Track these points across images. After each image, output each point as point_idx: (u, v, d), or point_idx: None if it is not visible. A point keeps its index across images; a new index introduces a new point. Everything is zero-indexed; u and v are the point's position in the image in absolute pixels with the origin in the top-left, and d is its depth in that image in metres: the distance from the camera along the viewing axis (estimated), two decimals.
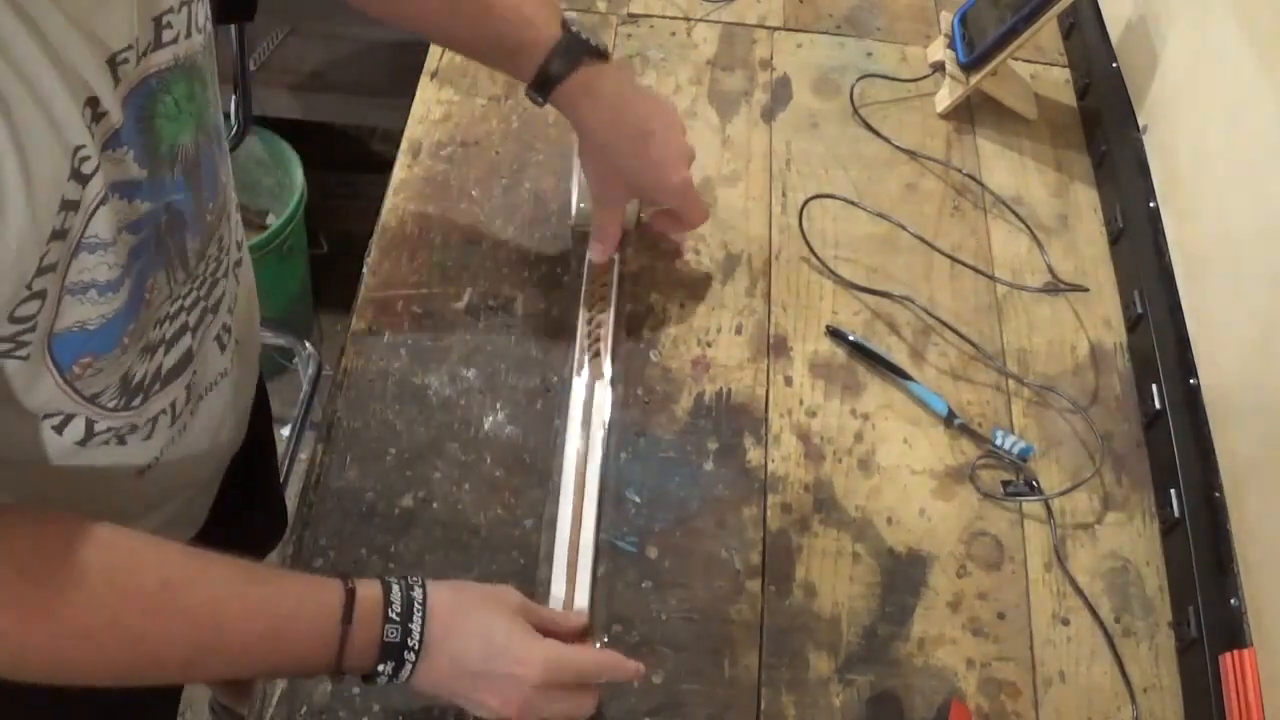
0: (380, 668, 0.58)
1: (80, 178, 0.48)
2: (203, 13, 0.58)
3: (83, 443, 0.60)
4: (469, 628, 0.61)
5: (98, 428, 0.60)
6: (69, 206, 0.48)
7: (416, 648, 0.58)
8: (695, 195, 0.82)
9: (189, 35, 0.56)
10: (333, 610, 0.57)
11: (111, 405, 0.60)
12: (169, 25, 0.54)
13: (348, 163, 1.88)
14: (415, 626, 0.58)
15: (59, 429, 0.58)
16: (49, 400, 0.56)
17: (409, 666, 0.58)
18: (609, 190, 0.82)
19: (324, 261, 1.80)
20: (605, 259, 0.85)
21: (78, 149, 0.48)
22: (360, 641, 0.57)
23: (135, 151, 0.53)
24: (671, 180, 0.80)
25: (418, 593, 0.60)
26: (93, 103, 0.49)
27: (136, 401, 0.62)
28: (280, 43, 1.72)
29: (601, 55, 0.75)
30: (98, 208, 0.50)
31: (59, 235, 0.49)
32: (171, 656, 0.54)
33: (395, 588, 0.59)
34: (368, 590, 0.58)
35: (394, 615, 0.58)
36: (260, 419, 0.91)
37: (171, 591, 0.53)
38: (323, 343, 1.83)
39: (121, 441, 0.63)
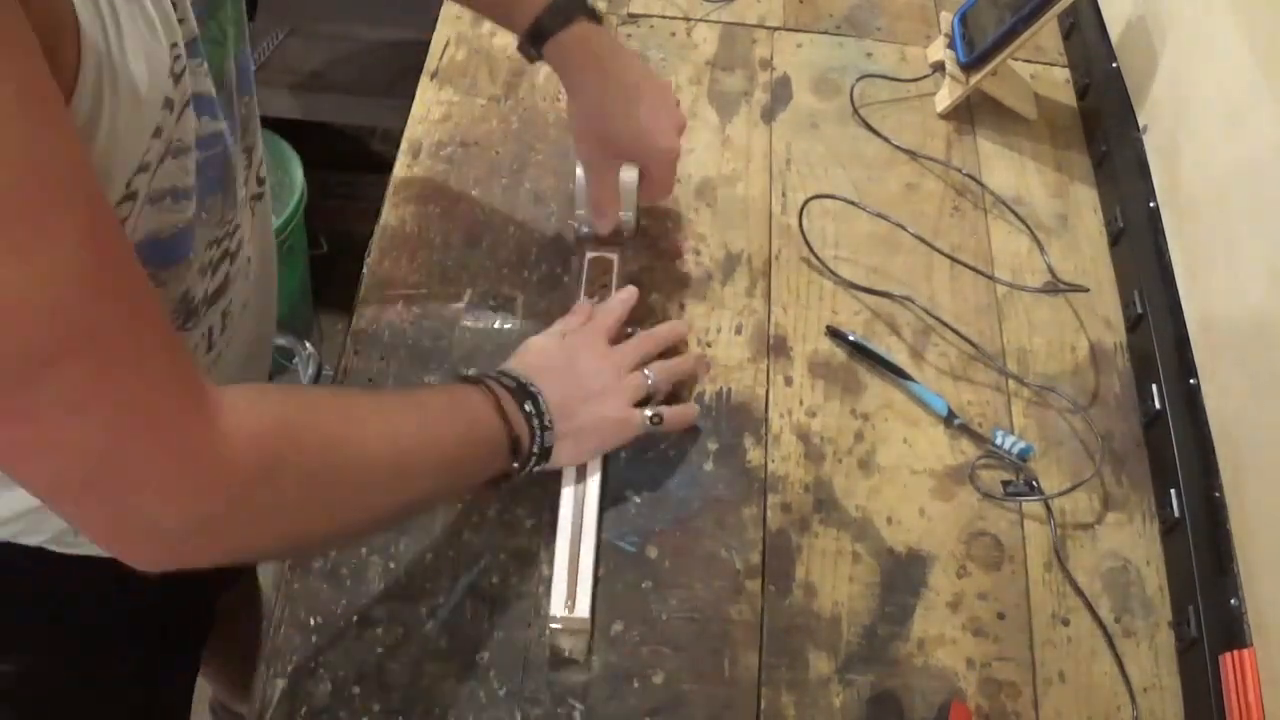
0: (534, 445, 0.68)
1: (175, 76, 0.49)
2: None
3: None
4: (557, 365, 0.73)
5: None
6: (167, 105, 0.49)
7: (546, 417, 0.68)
8: (672, 170, 0.82)
9: None
10: (490, 415, 0.65)
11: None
12: None
13: (348, 163, 1.88)
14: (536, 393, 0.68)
15: None
16: None
17: (550, 432, 0.69)
18: (597, 153, 0.81)
19: (324, 261, 1.80)
20: (609, 230, 0.85)
21: (173, 45, 0.48)
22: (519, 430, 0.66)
23: (206, 65, 0.54)
24: (659, 144, 0.79)
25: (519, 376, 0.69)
26: (175, 3, 0.49)
27: (190, 324, 0.62)
28: (280, 43, 1.71)
29: (594, 16, 0.77)
30: (184, 110, 0.51)
31: (157, 133, 0.49)
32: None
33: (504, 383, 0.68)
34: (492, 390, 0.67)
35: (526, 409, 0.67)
36: None
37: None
38: (323, 343, 1.83)
39: None
